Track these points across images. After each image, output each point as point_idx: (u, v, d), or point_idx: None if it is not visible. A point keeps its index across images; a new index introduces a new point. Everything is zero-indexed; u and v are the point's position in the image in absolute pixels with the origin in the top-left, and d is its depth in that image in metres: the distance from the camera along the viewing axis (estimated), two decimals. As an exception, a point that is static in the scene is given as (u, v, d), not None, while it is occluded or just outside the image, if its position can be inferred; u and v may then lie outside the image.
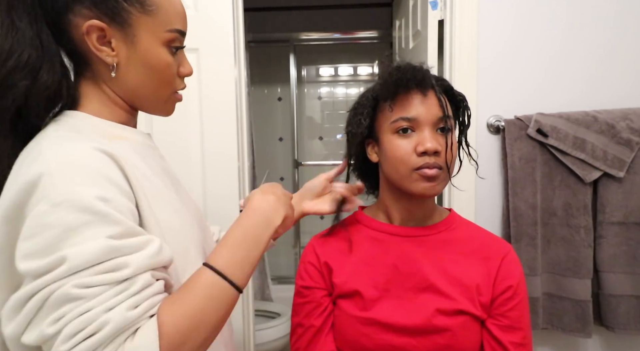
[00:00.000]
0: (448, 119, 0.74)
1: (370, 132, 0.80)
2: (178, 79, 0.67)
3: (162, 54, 0.62)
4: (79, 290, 0.45)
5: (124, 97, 0.65)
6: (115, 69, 0.60)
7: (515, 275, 0.77)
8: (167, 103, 0.68)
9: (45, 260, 0.46)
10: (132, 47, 0.60)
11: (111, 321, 0.45)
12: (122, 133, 0.63)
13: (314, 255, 0.83)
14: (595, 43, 1.33)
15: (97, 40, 0.59)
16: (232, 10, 1.29)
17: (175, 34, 0.63)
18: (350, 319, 0.76)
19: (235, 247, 0.58)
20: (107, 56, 0.60)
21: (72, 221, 0.47)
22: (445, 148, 0.73)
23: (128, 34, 0.60)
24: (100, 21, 0.58)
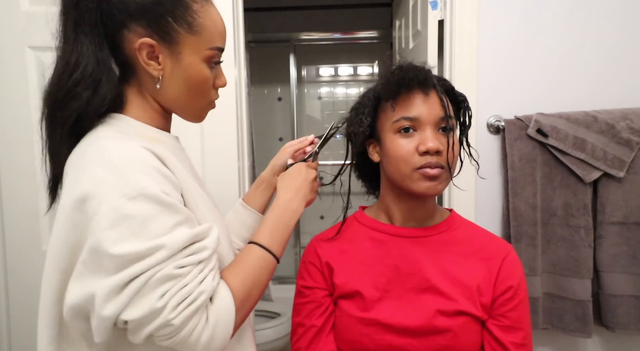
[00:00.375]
0: (450, 119, 0.74)
1: (371, 132, 0.80)
2: (213, 90, 0.73)
3: (202, 69, 0.68)
4: (177, 270, 0.56)
5: (164, 105, 0.71)
6: (159, 81, 0.67)
7: (515, 276, 0.77)
8: (201, 111, 0.75)
9: (142, 245, 0.54)
10: (176, 62, 0.66)
11: (205, 291, 0.57)
12: (159, 137, 0.69)
13: (315, 255, 0.83)
14: (596, 43, 1.33)
15: (146, 56, 0.65)
16: (232, 10, 1.29)
17: (215, 51, 0.69)
18: (351, 319, 0.76)
19: (273, 229, 0.74)
20: (153, 70, 0.66)
21: (148, 211, 0.55)
22: (447, 148, 0.73)
23: (174, 51, 0.66)
24: (151, 39, 0.64)
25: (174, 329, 0.55)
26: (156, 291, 0.54)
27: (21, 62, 1.24)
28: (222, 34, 0.71)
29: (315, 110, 3.14)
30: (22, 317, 1.29)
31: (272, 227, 0.74)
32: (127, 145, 0.60)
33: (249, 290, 0.64)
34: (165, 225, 0.56)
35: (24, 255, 1.28)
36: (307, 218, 3.11)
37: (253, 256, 0.69)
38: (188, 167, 0.74)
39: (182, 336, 0.56)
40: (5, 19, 1.22)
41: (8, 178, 1.26)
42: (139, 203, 0.55)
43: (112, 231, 0.54)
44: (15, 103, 1.25)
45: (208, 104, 0.74)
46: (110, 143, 0.60)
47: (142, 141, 0.62)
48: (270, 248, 0.70)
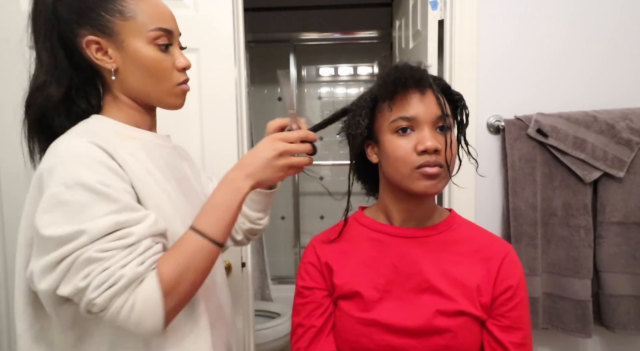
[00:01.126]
0: (447, 118, 0.74)
1: (369, 134, 0.80)
2: (176, 72, 0.76)
3: (149, 51, 0.72)
4: (99, 254, 0.60)
5: (134, 98, 0.76)
6: (115, 73, 0.73)
7: (515, 276, 0.77)
8: (171, 95, 0.77)
9: (68, 229, 0.60)
10: (123, 51, 0.72)
11: (125, 275, 0.60)
12: (132, 134, 0.75)
13: (314, 256, 0.83)
14: (596, 43, 1.33)
15: (96, 52, 0.72)
16: (232, 10, 1.29)
17: (158, 31, 0.72)
18: (351, 320, 0.76)
19: (212, 212, 0.70)
20: (106, 63, 0.72)
21: (83, 199, 0.61)
22: (445, 147, 0.73)
23: (117, 41, 0.71)
24: (94, 36, 0.71)
25: (100, 307, 0.60)
26: (80, 272, 0.60)
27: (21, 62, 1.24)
28: (163, 15, 0.74)
29: (315, 110, 3.14)
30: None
31: (211, 208, 0.70)
32: (77, 141, 0.66)
33: (179, 275, 0.64)
34: (98, 213, 0.61)
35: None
36: (307, 218, 3.11)
37: (187, 241, 0.67)
38: (164, 163, 0.78)
39: (110, 315, 0.61)
40: (6, 19, 1.22)
41: (8, 178, 1.26)
42: (75, 192, 0.61)
43: (47, 215, 0.61)
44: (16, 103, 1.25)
45: (174, 86, 0.76)
46: (65, 139, 0.67)
47: (105, 137, 0.69)
48: (204, 231, 0.67)
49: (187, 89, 0.79)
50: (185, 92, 0.79)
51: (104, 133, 0.70)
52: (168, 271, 0.64)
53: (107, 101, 0.77)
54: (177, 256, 0.66)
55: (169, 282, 0.63)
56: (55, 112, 0.73)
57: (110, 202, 0.62)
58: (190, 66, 0.78)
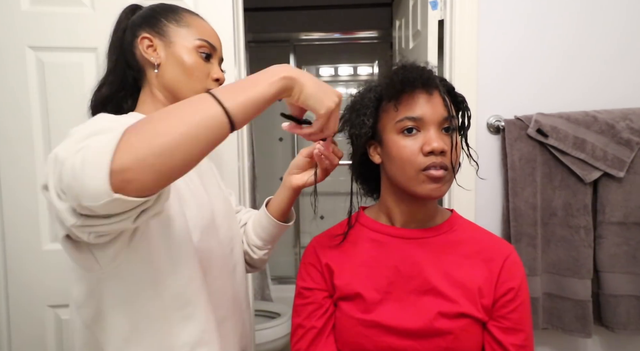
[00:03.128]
0: (453, 119, 0.73)
1: (372, 133, 0.79)
2: (209, 80, 0.85)
3: (192, 55, 0.83)
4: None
5: (166, 93, 0.84)
6: (157, 67, 0.82)
7: (517, 277, 0.77)
8: None
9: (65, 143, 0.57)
10: (169, 49, 0.82)
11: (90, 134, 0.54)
12: None
13: (314, 256, 0.83)
14: (596, 43, 1.33)
15: (147, 48, 0.83)
16: (232, 10, 1.29)
17: (202, 42, 0.83)
18: (352, 321, 0.76)
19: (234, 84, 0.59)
20: (151, 57, 0.82)
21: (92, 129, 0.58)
22: (451, 148, 0.72)
23: (167, 41, 0.83)
24: (149, 34, 0.83)
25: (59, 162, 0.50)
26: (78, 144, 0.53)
27: (21, 62, 1.24)
28: (210, 33, 0.86)
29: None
30: (22, 317, 1.29)
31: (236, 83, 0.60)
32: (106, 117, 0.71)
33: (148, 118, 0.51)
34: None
35: (24, 255, 1.28)
36: (307, 218, 3.11)
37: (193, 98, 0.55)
38: None
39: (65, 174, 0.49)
40: (5, 19, 1.22)
41: (8, 178, 1.26)
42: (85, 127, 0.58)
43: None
44: (15, 103, 1.25)
45: (203, 89, 0.83)
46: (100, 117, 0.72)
47: None
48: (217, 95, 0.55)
49: None
50: None
51: None
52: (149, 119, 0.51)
53: (144, 98, 0.86)
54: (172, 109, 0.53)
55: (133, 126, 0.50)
56: (103, 106, 0.86)
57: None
58: (224, 80, 0.86)
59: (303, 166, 0.88)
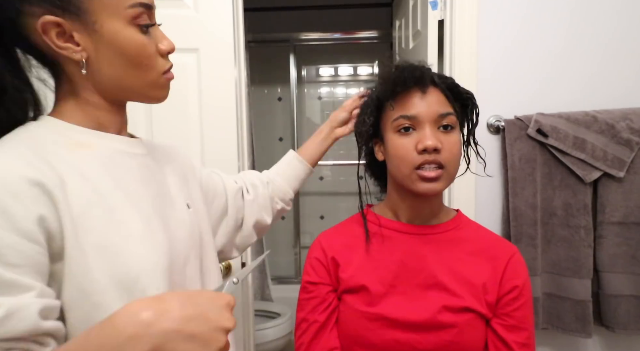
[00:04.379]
0: (449, 116, 0.74)
1: (376, 131, 0.81)
2: (160, 59, 0.62)
3: (132, 34, 0.57)
4: None
5: (106, 93, 0.60)
6: (85, 65, 0.56)
7: (521, 276, 0.77)
8: (156, 87, 0.63)
9: None
10: (95, 35, 0.55)
11: None
12: (90, 141, 0.59)
13: (320, 251, 0.83)
14: (596, 43, 1.33)
15: (57, 38, 0.54)
16: (232, 10, 1.29)
17: (138, 8, 0.57)
18: (356, 314, 0.76)
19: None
20: (73, 53, 0.55)
21: None
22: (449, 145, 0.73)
23: (88, 22, 0.54)
24: (53, 15, 0.53)
25: None
26: None
27: (21, 62, 1.23)
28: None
29: (315, 110, 3.14)
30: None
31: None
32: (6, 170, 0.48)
33: None
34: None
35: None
36: (307, 218, 3.11)
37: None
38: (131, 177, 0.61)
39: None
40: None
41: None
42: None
43: None
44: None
45: (159, 76, 0.62)
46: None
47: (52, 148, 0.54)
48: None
49: (172, 77, 0.64)
50: (169, 81, 0.64)
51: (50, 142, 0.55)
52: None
53: (64, 98, 0.60)
54: None
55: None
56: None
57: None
58: (174, 49, 0.63)
59: (344, 120, 1.01)
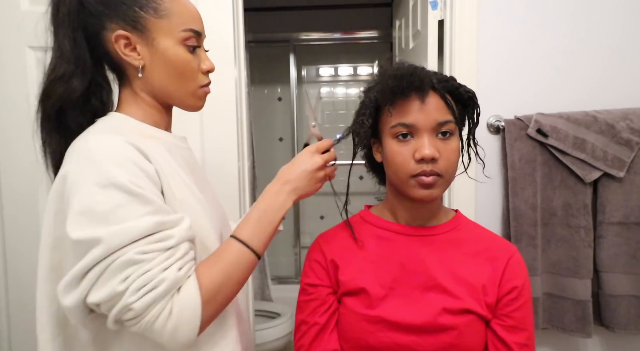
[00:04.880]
0: (449, 123, 0.73)
1: (375, 132, 0.80)
2: (201, 74, 0.76)
3: (179, 51, 0.72)
4: (139, 256, 0.57)
5: (155, 96, 0.75)
6: (142, 70, 0.71)
7: (520, 277, 0.77)
8: (194, 97, 0.76)
9: (101, 231, 0.56)
10: (152, 48, 0.70)
11: (167, 279, 0.58)
12: (154, 134, 0.74)
13: (319, 253, 0.83)
14: (596, 43, 1.33)
15: (124, 48, 0.70)
16: (232, 10, 1.29)
17: (189, 33, 0.72)
18: (356, 316, 0.76)
19: (255, 223, 0.71)
20: (134, 60, 0.71)
21: (118, 199, 0.58)
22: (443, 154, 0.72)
23: (148, 38, 0.70)
24: (124, 31, 0.69)
25: (135, 314, 0.57)
26: (118, 275, 0.56)
27: (21, 62, 1.24)
28: (194, 17, 0.74)
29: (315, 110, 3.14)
30: (22, 317, 1.29)
31: (255, 221, 0.71)
32: (108, 138, 0.64)
33: (219, 285, 0.64)
34: (133, 214, 0.58)
35: (24, 255, 1.28)
36: (307, 218, 3.11)
37: (230, 250, 0.68)
38: (185, 163, 0.76)
39: (146, 323, 0.58)
40: (5, 19, 1.22)
41: (8, 178, 1.26)
42: (110, 192, 0.58)
43: (83, 216, 0.58)
44: (15, 103, 1.25)
45: (197, 88, 0.76)
46: (94, 136, 0.65)
47: (131, 136, 0.66)
48: (249, 243, 0.68)
49: (208, 92, 0.79)
50: (206, 95, 0.79)
51: (129, 132, 0.68)
52: (209, 278, 0.63)
53: (126, 99, 0.75)
54: (218, 264, 0.65)
55: (210, 290, 0.62)
56: (73, 106, 0.70)
57: (145, 204, 0.60)
58: (214, 69, 0.78)
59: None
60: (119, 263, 0.56)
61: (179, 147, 0.78)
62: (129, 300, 0.56)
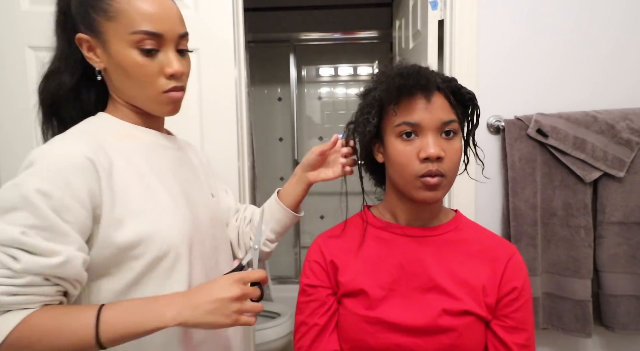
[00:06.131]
0: (453, 122, 0.73)
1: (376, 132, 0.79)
2: (162, 79, 0.71)
3: (130, 56, 0.69)
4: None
5: (124, 99, 0.74)
6: (103, 73, 0.72)
7: (520, 277, 0.77)
8: (156, 102, 0.74)
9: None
10: (107, 51, 0.70)
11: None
12: (134, 133, 0.75)
13: (319, 254, 0.83)
14: (596, 43, 1.33)
15: (87, 51, 0.71)
16: (232, 10, 1.29)
17: (140, 35, 0.68)
18: (356, 318, 0.76)
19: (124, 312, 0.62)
20: (94, 62, 0.71)
21: (12, 200, 0.60)
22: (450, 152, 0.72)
23: (102, 41, 0.70)
24: (84, 34, 0.70)
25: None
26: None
27: (21, 62, 1.24)
28: (149, 17, 0.68)
29: (315, 110, 3.14)
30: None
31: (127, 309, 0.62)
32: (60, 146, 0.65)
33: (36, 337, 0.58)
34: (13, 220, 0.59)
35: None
36: (307, 218, 3.11)
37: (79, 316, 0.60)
38: (170, 166, 0.77)
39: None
40: (5, 19, 1.22)
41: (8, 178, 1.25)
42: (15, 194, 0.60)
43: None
44: (15, 103, 1.25)
45: (158, 93, 0.72)
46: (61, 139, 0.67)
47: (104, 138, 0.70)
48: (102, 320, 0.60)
49: (176, 97, 0.74)
50: (173, 100, 0.74)
51: (104, 132, 0.71)
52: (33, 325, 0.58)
53: (110, 100, 0.77)
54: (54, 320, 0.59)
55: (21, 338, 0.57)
56: (65, 100, 0.73)
57: (33, 216, 0.59)
58: (181, 72, 0.73)
59: (315, 164, 0.92)
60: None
61: (164, 147, 0.78)
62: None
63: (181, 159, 0.82)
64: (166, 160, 0.77)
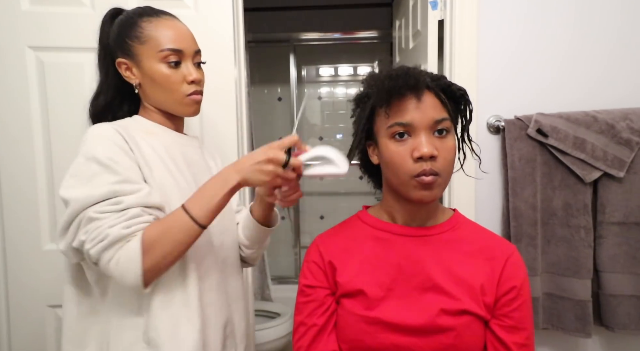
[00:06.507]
0: (445, 120, 0.73)
1: (371, 134, 0.80)
2: (185, 85, 0.90)
3: (159, 69, 0.88)
4: (95, 214, 0.75)
5: (154, 105, 0.93)
6: (138, 87, 0.91)
7: (519, 276, 0.77)
8: (181, 105, 0.91)
9: (78, 193, 0.76)
10: (141, 69, 0.89)
11: (111, 234, 0.74)
12: (155, 130, 0.92)
13: (317, 254, 0.83)
14: (596, 43, 1.33)
15: (125, 71, 0.90)
16: (232, 10, 1.29)
17: (166, 52, 0.87)
18: (354, 318, 0.76)
19: (199, 195, 0.81)
20: (131, 80, 0.90)
21: (93, 170, 0.78)
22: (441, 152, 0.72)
23: (137, 61, 0.89)
24: (122, 58, 0.89)
25: (94, 258, 0.75)
26: (83, 228, 0.76)
27: (21, 62, 1.24)
28: (172, 38, 0.88)
29: (315, 110, 3.14)
30: (22, 317, 1.29)
31: (200, 193, 0.80)
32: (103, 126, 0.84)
33: (157, 239, 0.76)
34: (102, 181, 0.77)
35: (24, 255, 1.28)
36: (307, 218, 3.11)
37: (174, 214, 0.79)
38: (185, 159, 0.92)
39: (102, 266, 0.75)
40: (5, 19, 1.23)
41: (8, 178, 1.26)
42: (90, 163, 0.78)
43: (70, 179, 0.79)
44: (15, 103, 1.25)
45: (183, 97, 0.90)
46: (96, 126, 0.84)
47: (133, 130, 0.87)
48: (189, 210, 0.78)
49: (197, 99, 0.92)
50: (195, 101, 0.92)
51: (133, 127, 0.88)
52: (149, 234, 0.76)
53: (142, 106, 0.94)
54: (161, 224, 0.78)
55: (148, 243, 0.75)
56: (102, 115, 0.93)
57: (113, 174, 0.78)
58: (199, 79, 0.91)
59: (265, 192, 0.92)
60: (85, 219, 0.75)
61: (181, 144, 0.94)
62: (87, 247, 0.75)
63: (194, 156, 0.97)
64: (183, 152, 0.93)
